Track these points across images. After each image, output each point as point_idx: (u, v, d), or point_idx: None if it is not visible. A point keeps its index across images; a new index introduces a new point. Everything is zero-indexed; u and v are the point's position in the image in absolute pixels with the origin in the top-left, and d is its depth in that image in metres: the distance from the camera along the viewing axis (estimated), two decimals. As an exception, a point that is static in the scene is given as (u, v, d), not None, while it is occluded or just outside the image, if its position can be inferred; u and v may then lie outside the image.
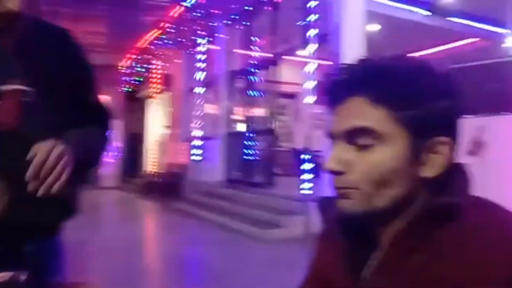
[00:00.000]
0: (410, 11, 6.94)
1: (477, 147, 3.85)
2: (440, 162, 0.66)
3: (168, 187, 10.36)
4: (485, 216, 0.63)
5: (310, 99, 5.73)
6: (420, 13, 7.00)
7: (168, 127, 12.55)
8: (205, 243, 5.45)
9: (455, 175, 0.67)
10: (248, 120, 8.42)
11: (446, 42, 8.52)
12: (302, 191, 5.40)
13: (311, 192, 5.35)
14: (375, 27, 7.44)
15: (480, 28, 7.63)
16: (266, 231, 5.40)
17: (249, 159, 8.07)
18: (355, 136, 0.66)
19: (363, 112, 0.66)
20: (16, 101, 1.01)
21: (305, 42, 6.17)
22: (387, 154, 0.64)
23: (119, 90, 13.21)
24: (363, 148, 0.65)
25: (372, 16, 6.30)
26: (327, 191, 0.86)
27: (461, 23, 7.49)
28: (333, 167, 0.67)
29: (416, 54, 9.92)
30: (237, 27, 8.91)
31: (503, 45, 6.98)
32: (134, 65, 12.72)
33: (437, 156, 0.66)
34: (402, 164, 0.64)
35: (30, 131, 0.99)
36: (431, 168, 0.66)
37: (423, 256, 0.63)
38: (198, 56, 9.75)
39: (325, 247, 0.83)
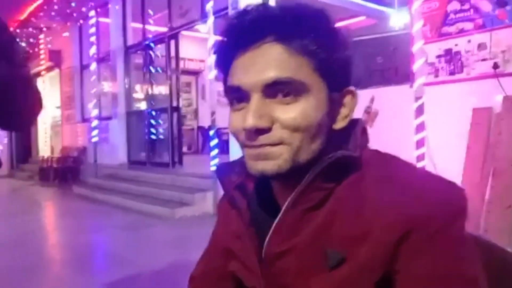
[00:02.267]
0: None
1: (369, 117, 4.16)
2: (347, 114, 0.66)
3: (66, 172, 9.71)
4: (384, 168, 0.62)
5: (213, 74, 5.67)
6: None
7: (60, 107, 11.60)
8: (111, 228, 5.19)
9: (354, 129, 0.67)
10: (150, 98, 8.11)
11: (339, 19, 8.96)
12: (211, 168, 5.39)
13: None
14: (272, 1, 7.53)
15: (368, 7, 8.15)
16: (175, 210, 5.32)
17: (153, 139, 7.83)
18: (275, 88, 0.60)
19: (282, 62, 0.60)
20: None
21: (204, 16, 6.05)
22: (311, 105, 0.61)
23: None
24: (285, 100, 0.60)
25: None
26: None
27: (351, 2, 7.93)
28: (258, 124, 0.60)
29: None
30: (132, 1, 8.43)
31: (388, 23, 7.53)
32: (18, 40, 11.42)
33: (344, 108, 0.66)
34: (323, 116, 0.63)
35: None
36: (341, 121, 0.66)
37: (322, 214, 0.62)
38: (91, 30, 9.07)
39: (226, 216, 0.80)
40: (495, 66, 3.12)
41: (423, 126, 3.29)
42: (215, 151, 5.36)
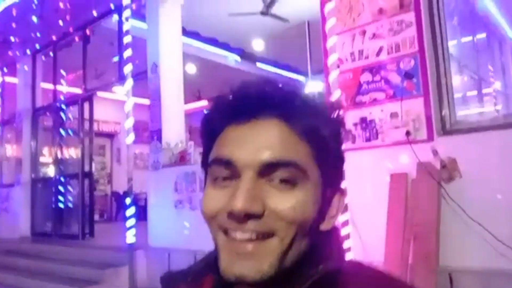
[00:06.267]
0: (223, 55, 7.41)
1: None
2: (333, 215, 0.58)
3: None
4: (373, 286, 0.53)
5: (130, 138, 5.42)
6: (232, 58, 7.53)
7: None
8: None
9: (334, 235, 0.59)
10: (60, 162, 7.51)
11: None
12: (126, 239, 4.96)
13: (134, 239, 4.96)
14: (191, 68, 7.62)
15: (284, 75, 8.65)
16: (82, 289, 4.75)
17: (61, 208, 7.15)
18: (273, 170, 0.52)
19: (284, 142, 0.53)
20: None
21: (121, 79, 5.87)
22: (310, 196, 0.53)
23: None
24: (283, 186, 0.52)
25: (189, 57, 6.44)
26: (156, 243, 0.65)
27: (267, 70, 8.39)
28: (250, 208, 0.50)
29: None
30: (42, 58, 8.03)
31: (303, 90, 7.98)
32: None
33: (332, 208, 0.58)
34: (317, 212, 0.54)
35: None
36: (327, 221, 0.57)
37: None
38: (-6, 90, 8.40)
39: None
40: (408, 133, 3.28)
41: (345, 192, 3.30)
42: (132, 221, 4.97)
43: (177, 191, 5.07)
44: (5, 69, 8.50)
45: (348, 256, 0.56)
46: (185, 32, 6.16)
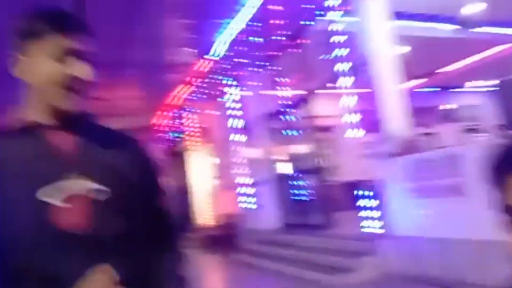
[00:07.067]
0: (437, 28, 6.90)
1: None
2: None
3: (225, 238, 10.18)
4: None
5: (353, 132, 5.63)
6: (445, 29, 6.93)
7: (217, 177, 12.66)
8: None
9: None
10: (293, 159, 8.32)
11: (474, 53, 8.29)
12: (364, 229, 5.18)
13: (376, 228, 5.10)
14: (406, 48, 7.33)
15: (509, 34, 7.42)
16: (334, 276, 5.16)
17: (301, 200, 7.91)
18: None
19: None
20: (88, 201, 0.97)
21: (337, 75, 6.13)
22: None
23: (160, 148, 13.57)
24: None
25: (402, 38, 6.21)
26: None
27: (486, 33, 7.37)
28: None
29: (449, 68, 9.74)
30: (266, 72, 9.04)
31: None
32: (170, 122, 13.18)
33: None
34: None
35: (102, 233, 0.97)
36: None
37: None
38: (232, 105, 9.91)
39: None
40: None
41: None
42: (369, 211, 5.15)
43: (409, 180, 5.00)
44: (239, 86, 9.91)
45: None
46: (395, 15, 5.99)
